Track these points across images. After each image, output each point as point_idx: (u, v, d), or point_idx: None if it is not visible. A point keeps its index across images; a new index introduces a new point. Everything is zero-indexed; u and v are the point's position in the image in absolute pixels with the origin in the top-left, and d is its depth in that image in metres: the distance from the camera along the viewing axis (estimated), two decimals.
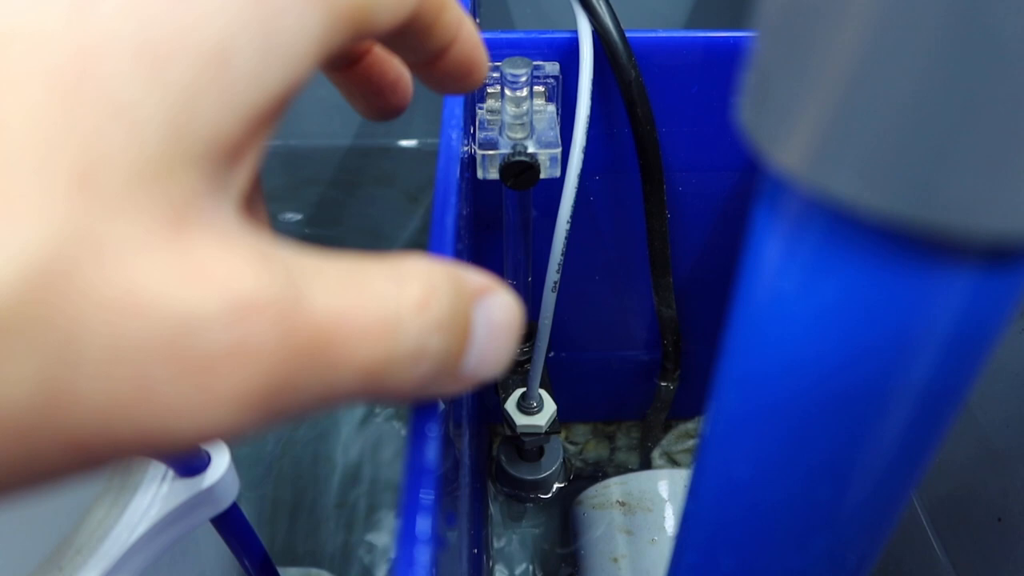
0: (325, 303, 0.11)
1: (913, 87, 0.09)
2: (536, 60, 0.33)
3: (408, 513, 0.14)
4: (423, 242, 0.66)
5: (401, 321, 0.12)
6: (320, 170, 0.63)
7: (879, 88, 0.09)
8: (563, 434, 0.52)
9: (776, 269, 0.13)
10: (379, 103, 0.18)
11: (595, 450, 0.52)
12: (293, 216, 0.65)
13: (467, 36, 0.16)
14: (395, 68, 0.17)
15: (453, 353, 0.13)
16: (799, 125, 0.11)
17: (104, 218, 0.09)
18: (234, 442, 0.11)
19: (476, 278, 0.14)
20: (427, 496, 0.14)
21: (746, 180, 0.39)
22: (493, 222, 0.38)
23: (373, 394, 0.12)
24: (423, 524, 0.13)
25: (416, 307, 0.12)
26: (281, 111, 0.12)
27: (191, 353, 0.09)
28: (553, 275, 0.34)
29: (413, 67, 0.16)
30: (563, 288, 0.35)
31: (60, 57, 0.09)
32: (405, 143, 0.68)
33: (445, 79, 0.16)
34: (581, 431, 0.53)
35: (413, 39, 0.15)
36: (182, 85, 0.10)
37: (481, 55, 0.17)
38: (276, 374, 0.10)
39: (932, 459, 0.14)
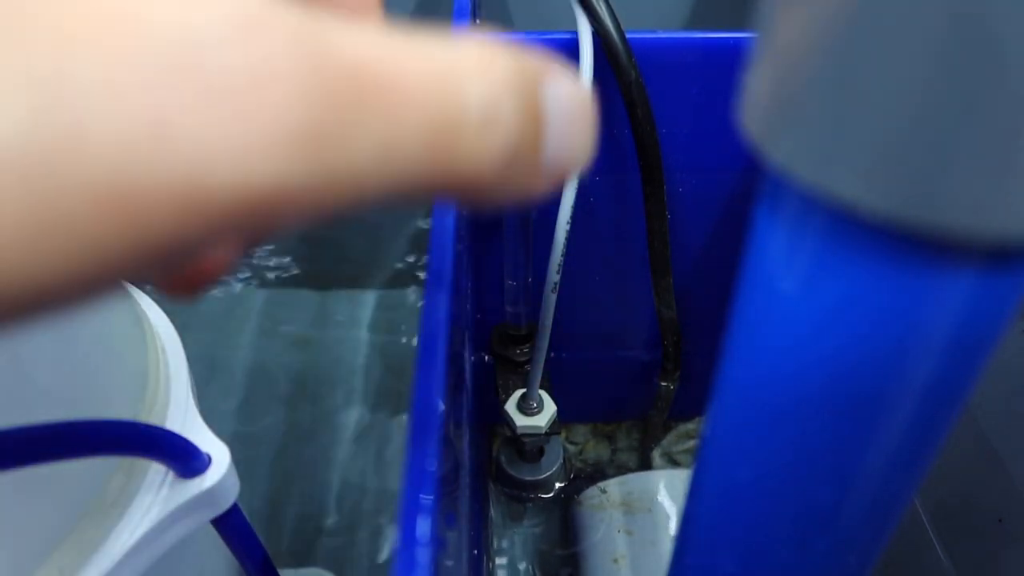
0: (361, 43, 0.09)
1: (914, 90, 0.09)
2: None
3: (408, 514, 0.14)
4: (424, 241, 0.66)
5: (462, 77, 0.10)
6: None
7: (881, 90, 0.09)
8: (563, 434, 0.52)
9: (777, 270, 0.13)
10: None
11: (595, 450, 0.52)
12: None
13: None
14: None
15: (529, 131, 0.11)
16: (801, 126, 0.11)
17: None
18: (298, 221, 0.09)
19: (537, 59, 0.12)
20: (427, 497, 0.14)
21: (747, 181, 0.39)
22: (493, 223, 0.38)
23: (444, 168, 0.10)
24: (423, 525, 0.13)
25: (477, 68, 0.10)
26: None
27: (207, 76, 0.08)
28: (553, 276, 0.34)
29: None
30: (563, 288, 0.35)
31: None
32: None
33: None
34: (581, 431, 0.53)
35: None
36: None
37: None
38: (313, 108, 0.09)
39: (933, 460, 0.14)
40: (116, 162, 0.08)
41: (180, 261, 0.10)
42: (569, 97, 0.12)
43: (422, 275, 0.65)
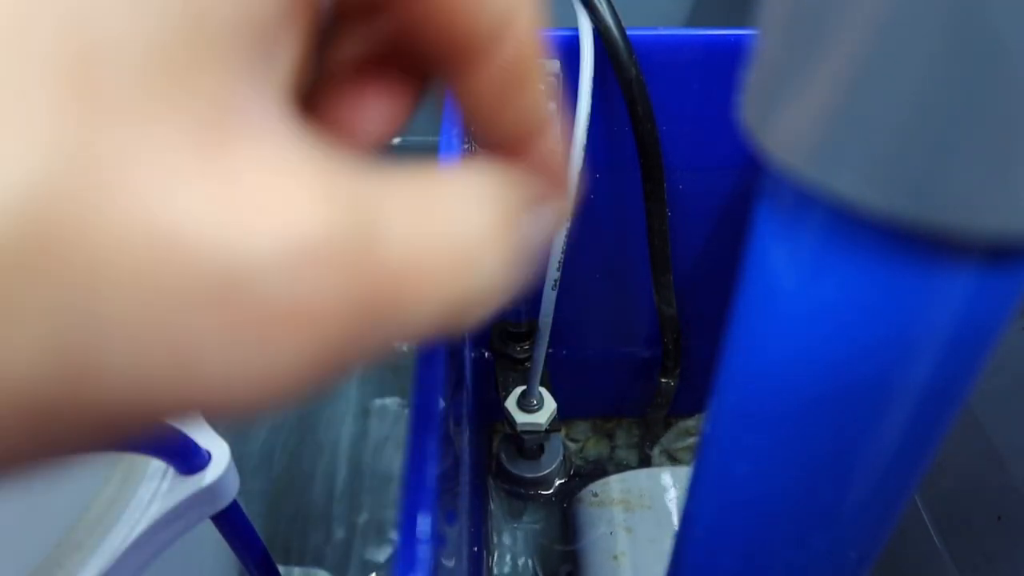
0: (401, 241, 0.09)
1: (915, 87, 0.09)
2: None
3: (409, 511, 0.14)
4: None
5: (479, 254, 0.11)
6: None
7: (881, 88, 0.09)
8: (563, 431, 0.52)
9: (777, 267, 0.13)
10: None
11: (595, 448, 0.52)
12: None
13: (523, 31, 0.11)
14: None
15: (512, 265, 0.12)
16: (801, 124, 0.11)
17: (113, 129, 0.07)
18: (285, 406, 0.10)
19: (539, 184, 0.13)
20: (427, 495, 0.14)
21: (747, 178, 0.39)
22: None
23: (443, 330, 0.11)
24: (423, 522, 0.13)
25: (493, 234, 0.11)
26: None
27: (242, 311, 0.08)
28: (553, 273, 0.34)
29: (435, 72, 0.12)
30: (563, 285, 0.35)
31: None
32: (405, 140, 0.68)
33: (480, 94, 0.12)
34: (581, 428, 0.53)
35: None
36: None
37: (534, 65, 0.12)
38: (345, 332, 0.09)
39: (933, 457, 0.14)
40: (130, 390, 0.07)
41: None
42: (544, 225, 0.13)
43: None
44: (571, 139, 0.32)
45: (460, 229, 0.10)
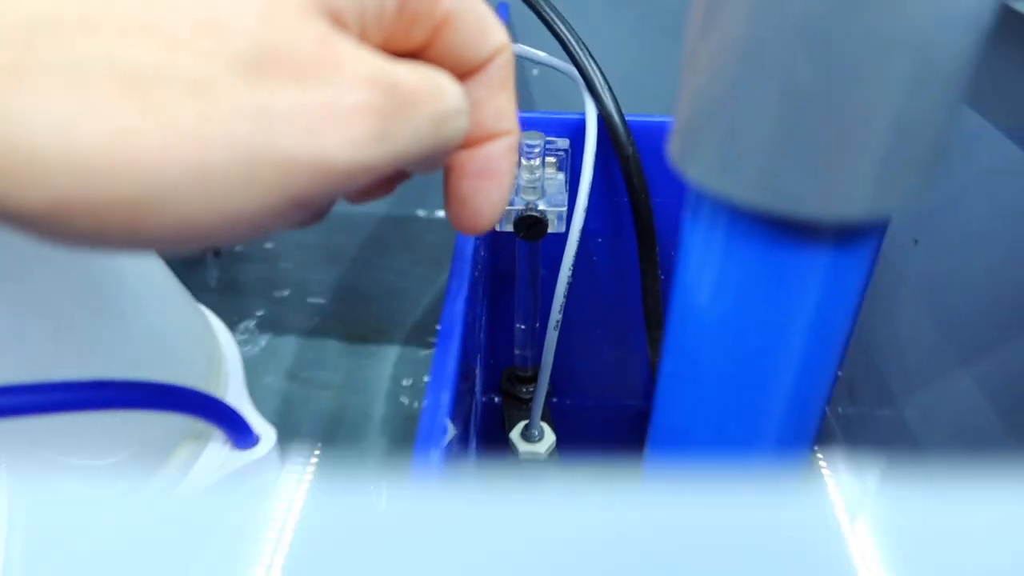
0: (408, 77, 0.16)
1: (771, 124, 0.13)
2: (550, 136, 0.38)
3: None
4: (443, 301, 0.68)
5: (444, 85, 0.18)
6: (353, 234, 0.69)
7: (754, 123, 0.13)
8: None
9: (701, 257, 0.17)
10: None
11: None
12: (325, 276, 0.69)
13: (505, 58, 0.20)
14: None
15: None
16: (706, 150, 0.14)
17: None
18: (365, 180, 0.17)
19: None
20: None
21: None
22: (507, 273, 0.43)
23: (438, 141, 0.17)
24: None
25: (449, 78, 0.18)
26: None
27: (335, 108, 0.15)
28: (556, 314, 0.38)
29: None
30: (566, 338, 0.39)
31: None
32: (430, 213, 0.74)
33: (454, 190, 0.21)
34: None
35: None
36: None
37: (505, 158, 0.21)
38: (388, 115, 0.16)
39: (833, 378, 0.17)
40: (286, 144, 0.14)
41: (310, 212, 0.17)
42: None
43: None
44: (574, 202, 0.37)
45: (427, 71, 0.17)
